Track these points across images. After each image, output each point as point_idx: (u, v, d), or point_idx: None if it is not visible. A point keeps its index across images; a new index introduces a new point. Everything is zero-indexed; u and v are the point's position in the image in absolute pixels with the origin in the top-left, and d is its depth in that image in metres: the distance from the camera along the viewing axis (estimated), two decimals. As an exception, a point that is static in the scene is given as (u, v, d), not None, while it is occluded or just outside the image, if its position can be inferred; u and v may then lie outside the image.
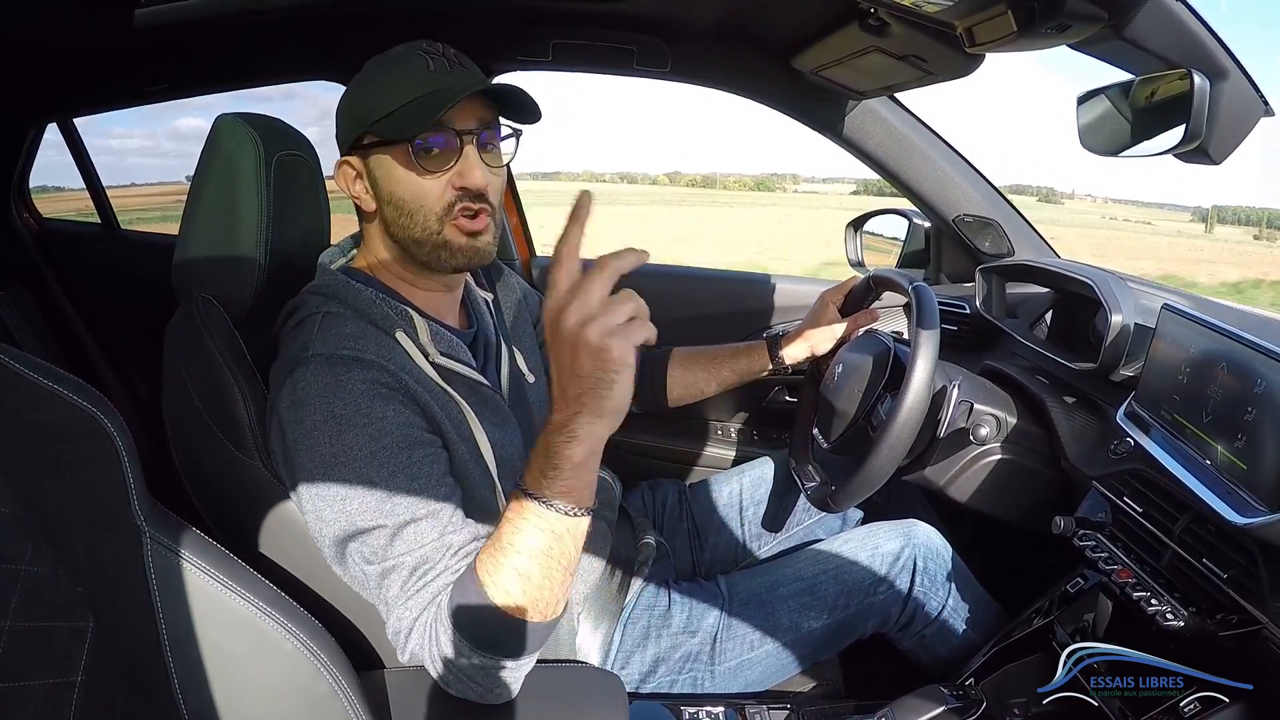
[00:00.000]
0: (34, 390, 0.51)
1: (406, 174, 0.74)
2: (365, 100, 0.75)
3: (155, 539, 0.54)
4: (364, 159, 0.77)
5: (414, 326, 0.75)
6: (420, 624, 0.65)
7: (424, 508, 0.67)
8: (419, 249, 0.76)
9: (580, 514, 0.63)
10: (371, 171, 0.76)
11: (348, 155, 0.78)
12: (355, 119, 0.76)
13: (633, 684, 0.90)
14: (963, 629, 1.00)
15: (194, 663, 0.56)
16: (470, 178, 0.74)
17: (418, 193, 0.74)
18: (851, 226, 1.56)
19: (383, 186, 0.76)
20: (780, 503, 1.18)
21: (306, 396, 0.67)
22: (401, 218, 0.76)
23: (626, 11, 1.28)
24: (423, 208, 0.75)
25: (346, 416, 0.67)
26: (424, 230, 0.75)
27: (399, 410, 0.69)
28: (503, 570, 0.62)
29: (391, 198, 0.76)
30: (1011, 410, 0.99)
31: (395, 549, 0.66)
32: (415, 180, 0.74)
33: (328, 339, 0.70)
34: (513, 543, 0.62)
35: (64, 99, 1.66)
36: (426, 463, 0.69)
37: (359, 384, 0.68)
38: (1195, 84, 0.73)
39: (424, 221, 0.75)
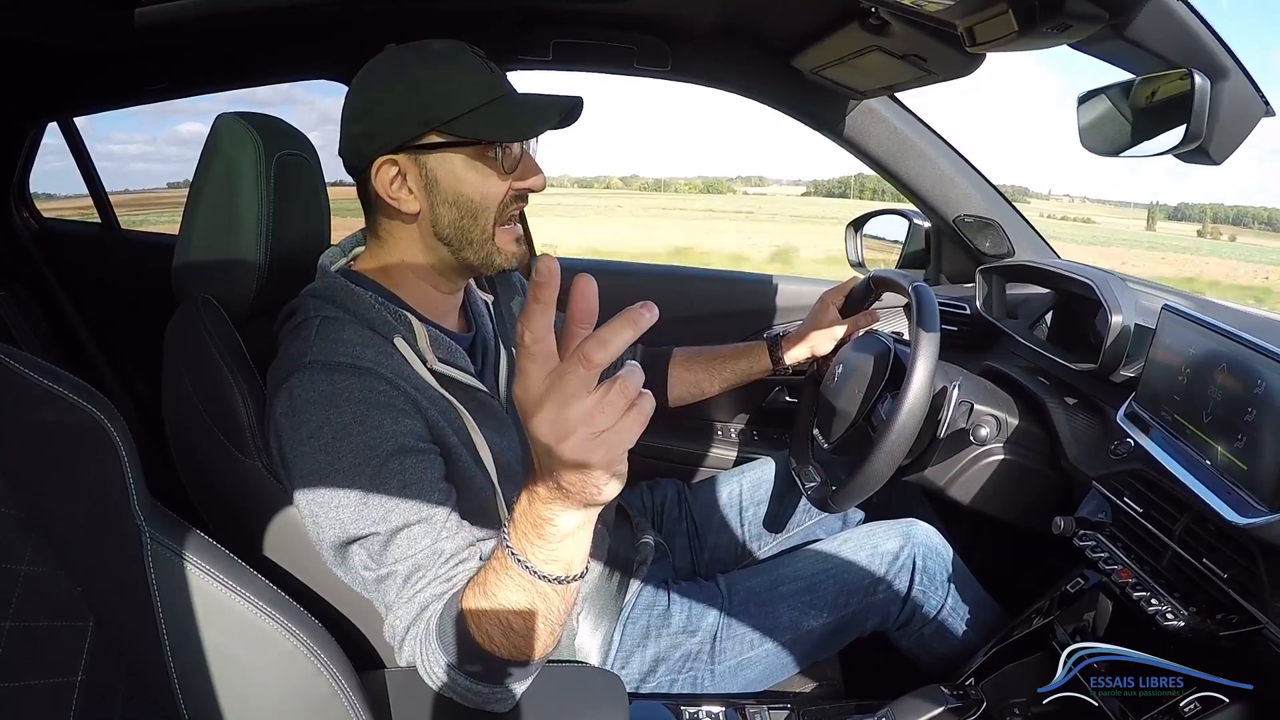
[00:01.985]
0: (34, 390, 0.50)
1: (480, 174, 0.74)
2: (431, 97, 0.72)
3: (155, 539, 0.54)
4: (419, 157, 0.73)
5: (413, 332, 0.75)
6: (412, 635, 0.65)
7: (417, 514, 0.66)
8: (474, 251, 0.77)
9: (569, 580, 0.57)
10: (431, 171, 0.74)
11: (394, 154, 0.73)
12: (417, 115, 0.72)
13: (633, 683, 0.90)
14: (962, 628, 1.00)
15: (194, 663, 0.56)
16: (535, 179, 0.77)
17: (487, 193, 0.75)
18: (852, 227, 1.56)
19: (446, 186, 0.74)
20: (780, 503, 1.18)
21: (303, 404, 0.67)
22: (463, 219, 0.76)
23: (627, 11, 1.28)
24: (487, 209, 0.76)
25: (342, 425, 0.66)
26: (483, 233, 0.76)
27: (394, 419, 0.68)
28: (486, 616, 0.60)
29: (458, 198, 0.75)
30: (1012, 411, 0.99)
31: (389, 556, 0.66)
32: (488, 181, 0.75)
33: (325, 345, 0.70)
34: (496, 594, 0.59)
35: (64, 99, 1.66)
36: (420, 469, 0.68)
37: (355, 392, 0.68)
38: (1196, 84, 0.73)
39: (484, 223, 0.76)
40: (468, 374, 0.78)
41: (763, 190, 73.24)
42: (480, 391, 0.79)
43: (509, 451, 0.80)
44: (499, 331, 0.91)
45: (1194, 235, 56.44)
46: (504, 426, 0.81)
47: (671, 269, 1.74)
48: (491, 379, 0.86)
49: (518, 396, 0.48)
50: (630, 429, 0.47)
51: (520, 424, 0.84)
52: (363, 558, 0.67)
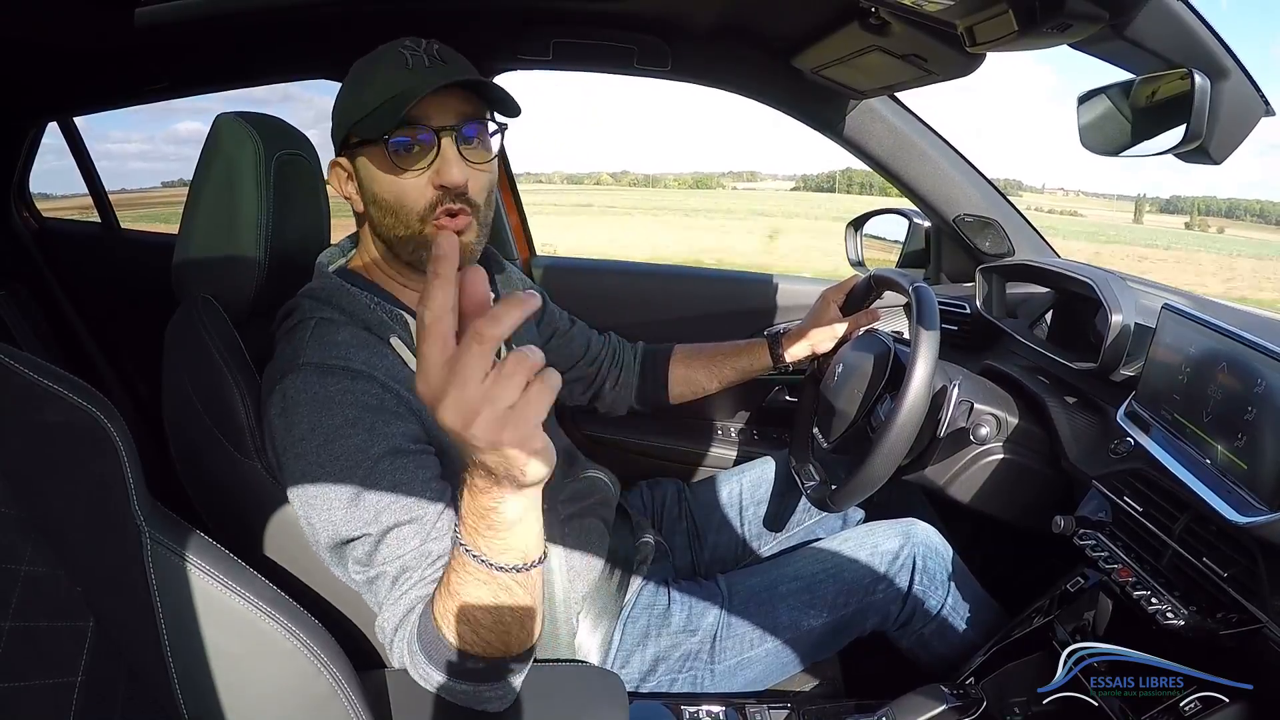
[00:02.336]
0: (34, 390, 0.50)
1: (386, 174, 0.74)
2: (348, 100, 0.76)
3: (155, 539, 0.54)
4: (351, 159, 0.77)
5: (408, 331, 0.75)
6: (399, 637, 0.65)
7: (408, 515, 0.66)
8: (403, 249, 0.77)
9: (528, 567, 0.57)
10: (358, 172, 0.77)
11: (338, 156, 0.78)
12: (340, 119, 0.76)
13: (632, 683, 0.90)
14: (962, 628, 1.00)
15: (194, 662, 0.56)
16: (446, 175, 0.72)
17: (398, 192, 0.74)
18: (852, 226, 1.56)
19: (366, 187, 0.76)
20: (780, 502, 1.18)
21: (295, 405, 0.68)
22: (386, 218, 0.76)
23: (627, 11, 1.28)
24: (404, 207, 0.74)
25: (334, 428, 0.67)
26: (406, 230, 0.75)
27: (386, 421, 0.68)
28: (455, 615, 0.59)
29: (375, 198, 0.76)
30: (1012, 410, 0.99)
31: (379, 557, 0.66)
32: (394, 180, 0.74)
33: (319, 348, 0.70)
34: (459, 593, 0.58)
35: (64, 98, 1.66)
36: (410, 470, 0.68)
37: (347, 395, 0.68)
38: (1196, 83, 0.73)
39: (406, 221, 0.75)
40: None
41: (753, 185, 73.45)
42: None
43: None
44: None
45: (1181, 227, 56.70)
46: None
47: (671, 269, 1.74)
48: None
49: (420, 390, 0.48)
50: (535, 403, 0.47)
51: None
52: (355, 558, 0.67)
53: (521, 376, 0.47)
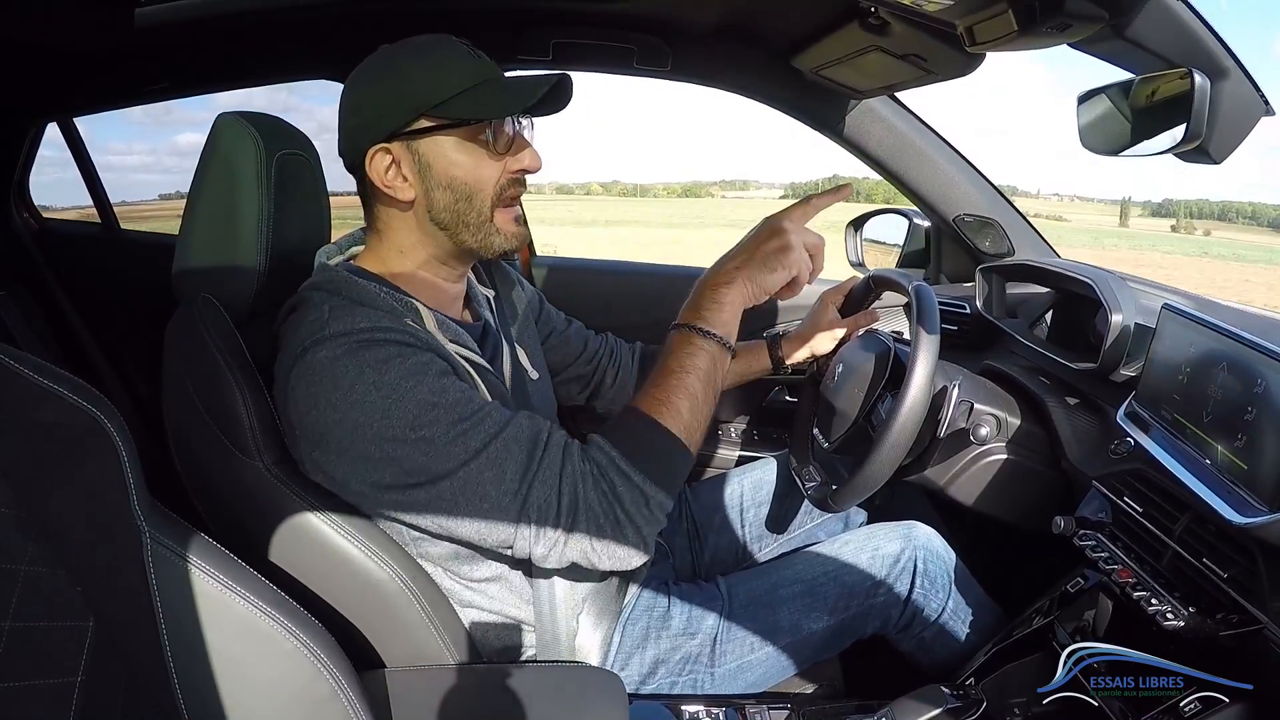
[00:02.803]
0: (34, 390, 0.50)
1: (471, 156, 0.75)
2: (418, 83, 0.73)
3: (155, 539, 0.54)
4: (411, 143, 0.75)
5: (420, 317, 0.75)
6: (569, 474, 0.68)
7: (487, 405, 0.70)
8: (471, 234, 0.77)
9: (729, 347, 0.76)
10: (423, 156, 0.75)
11: (386, 142, 0.75)
12: (406, 102, 0.73)
13: (632, 685, 0.90)
14: (963, 632, 1.00)
15: (194, 663, 0.56)
16: (532, 161, 0.78)
17: (480, 176, 0.76)
18: (852, 226, 1.57)
19: (438, 170, 0.75)
20: (781, 504, 1.18)
21: (332, 362, 0.66)
22: (459, 202, 0.76)
23: (627, 11, 1.28)
24: (482, 191, 0.76)
25: (381, 360, 0.66)
26: (479, 215, 0.77)
27: (424, 354, 0.69)
28: (675, 393, 0.72)
29: (451, 181, 0.75)
30: (1012, 410, 0.99)
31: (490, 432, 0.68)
32: (481, 162, 0.75)
33: (341, 320, 0.69)
34: (682, 366, 0.73)
35: (64, 99, 1.66)
36: (465, 388, 0.71)
37: (380, 338, 0.68)
38: (1196, 83, 0.73)
39: (480, 206, 0.76)
40: (479, 356, 0.79)
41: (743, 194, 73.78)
42: (490, 373, 0.79)
43: None
44: (501, 325, 0.91)
45: (1168, 230, 57.02)
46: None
47: (672, 269, 1.74)
48: (497, 369, 0.86)
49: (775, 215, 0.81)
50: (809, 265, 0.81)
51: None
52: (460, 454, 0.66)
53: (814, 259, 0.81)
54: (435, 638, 0.74)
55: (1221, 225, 68.69)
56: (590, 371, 1.13)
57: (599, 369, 1.13)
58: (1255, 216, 77.40)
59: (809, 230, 0.80)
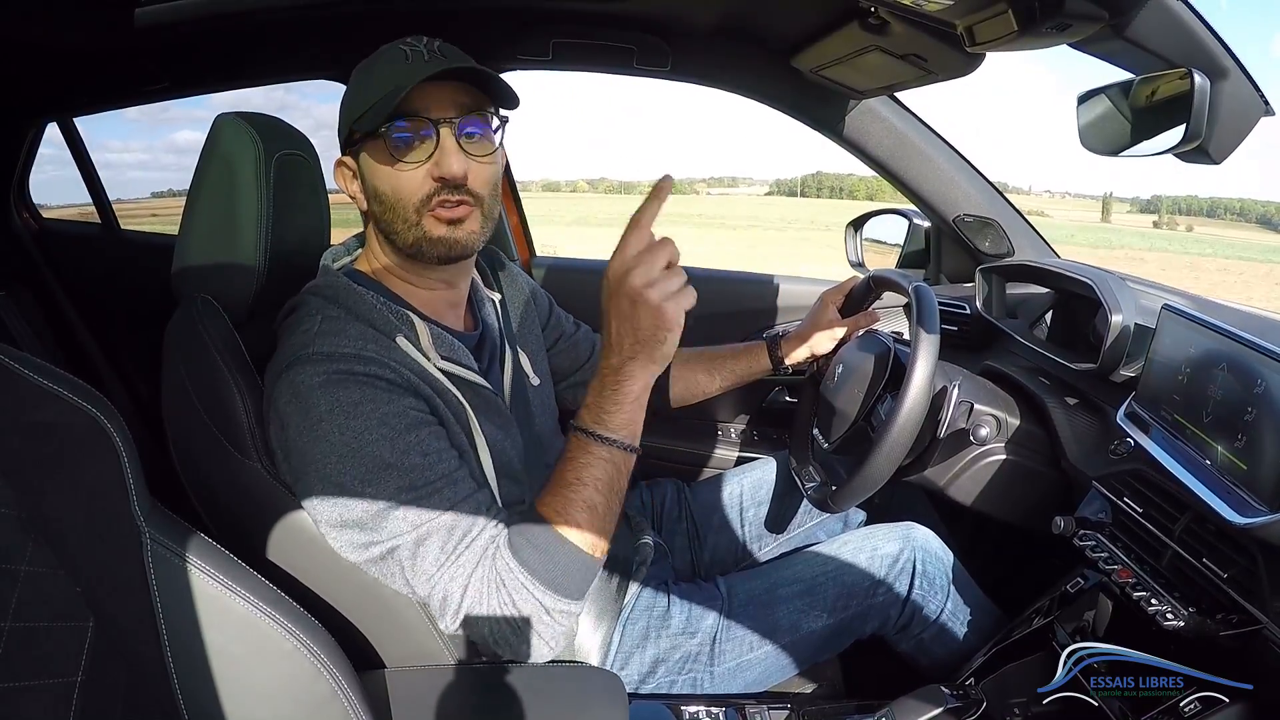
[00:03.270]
0: (34, 390, 0.50)
1: (385, 167, 0.75)
2: (350, 98, 0.77)
3: (155, 539, 0.54)
4: (355, 156, 0.77)
5: (414, 331, 0.75)
6: (477, 577, 0.67)
7: (442, 478, 0.68)
8: (402, 242, 0.77)
9: (634, 450, 0.71)
10: (360, 168, 0.77)
11: (343, 155, 0.79)
12: (344, 117, 0.77)
13: (632, 684, 0.90)
14: (962, 632, 1.00)
15: (194, 663, 0.56)
16: (444, 166, 0.72)
17: (395, 185, 0.74)
18: (852, 227, 1.56)
19: (368, 182, 0.77)
20: (781, 504, 1.18)
21: (309, 389, 0.67)
22: (386, 212, 0.76)
23: (627, 11, 1.28)
24: (401, 200, 0.74)
25: (353, 403, 0.67)
26: (404, 223, 0.75)
27: (401, 396, 0.69)
28: (572, 505, 0.69)
29: (376, 192, 0.76)
30: (1012, 411, 0.99)
31: (425, 517, 0.67)
32: (392, 173, 0.74)
33: (328, 339, 0.70)
34: (579, 478, 0.69)
35: (64, 99, 1.67)
36: (434, 440, 0.70)
37: (360, 375, 0.68)
38: (1195, 83, 0.73)
39: (404, 214, 0.75)
40: (471, 370, 0.78)
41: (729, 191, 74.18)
42: (484, 388, 0.79)
43: (511, 450, 0.80)
44: (505, 331, 0.91)
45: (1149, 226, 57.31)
46: (507, 424, 0.81)
47: None
48: (496, 377, 0.86)
49: (614, 262, 0.67)
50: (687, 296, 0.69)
51: (521, 421, 0.85)
52: (394, 526, 0.67)
53: (682, 276, 0.69)
54: (435, 637, 0.74)
55: (1209, 222, 68.84)
56: None
57: None
58: (1243, 212, 77.63)
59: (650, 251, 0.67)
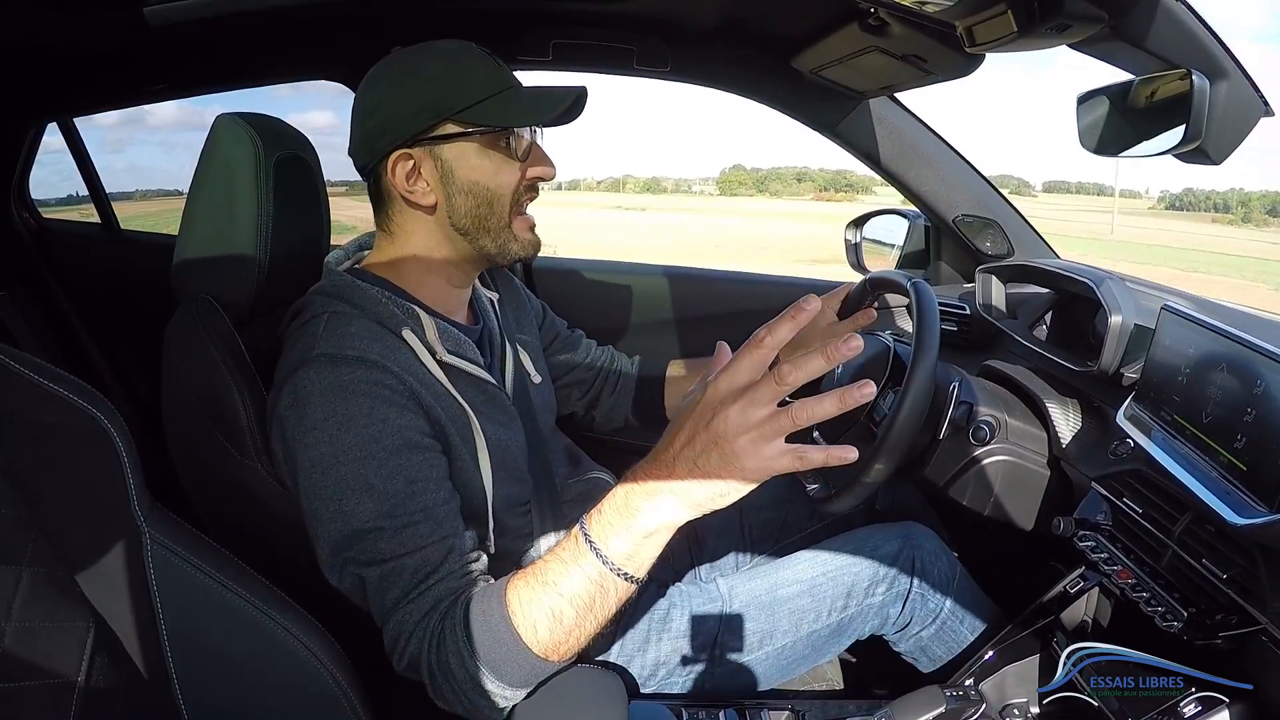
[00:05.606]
0: (34, 390, 0.51)
1: (493, 162, 0.76)
2: (443, 88, 0.74)
3: (155, 539, 0.54)
4: (434, 148, 0.75)
5: (421, 325, 0.75)
6: (422, 628, 0.65)
7: (422, 511, 0.66)
8: (490, 240, 0.78)
9: (635, 581, 0.61)
10: (446, 162, 0.75)
11: (408, 148, 0.75)
12: (431, 107, 0.73)
13: (632, 686, 0.90)
14: (961, 632, 1.00)
15: (194, 663, 0.56)
16: (545, 167, 0.79)
17: (501, 181, 0.76)
18: (852, 227, 1.56)
19: (461, 176, 0.76)
20: (781, 505, 1.18)
21: (308, 395, 0.67)
22: (480, 207, 0.77)
23: (627, 11, 1.28)
24: (502, 197, 0.77)
25: (347, 416, 0.67)
26: (499, 221, 0.78)
27: (400, 413, 0.69)
28: (536, 606, 0.61)
29: (473, 187, 0.76)
30: (1012, 411, 0.99)
31: (394, 551, 0.65)
32: (501, 169, 0.76)
33: (332, 339, 0.70)
34: (556, 582, 0.61)
35: (64, 99, 1.66)
36: (425, 467, 0.68)
37: (361, 385, 0.68)
38: (1195, 84, 0.73)
39: (500, 211, 0.77)
40: (477, 365, 0.79)
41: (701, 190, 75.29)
42: (489, 384, 0.79)
43: (512, 446, 0.80)
44: (504, 328, 0.92)
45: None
46: (510, 420, 0.81)
47: (673, 269, 1.74)
48: (498, 372, 0.86)
49: (717, 383, 0.54)
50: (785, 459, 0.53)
51: (525, 417, 0.84)
52: (363, 554, 0.66)
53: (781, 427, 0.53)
54: (435, 638, 0.74)
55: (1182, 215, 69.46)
56: (591, 377, 1.13)
57: (599, 375, 1.13)
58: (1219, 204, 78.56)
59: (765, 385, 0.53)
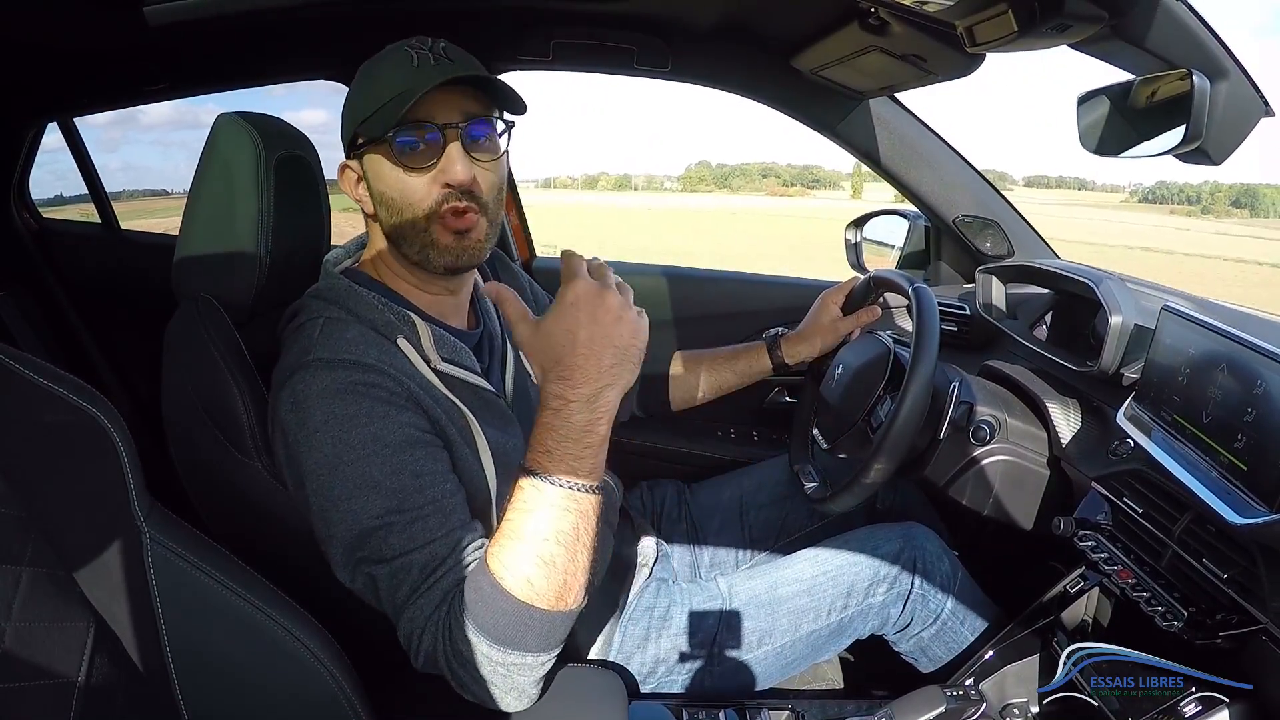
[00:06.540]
0: (34, 390, 0.51)
1: (392, 172, 0.74)
2: (354, 100, 0.76)
3: (155, 539, 0.54)
4: (360, 160, 0.77)
5: (416, 332, 0.75)
6: (433, 622, 0.65)
7: (430, 505, 0.67)
8: (410, 248, 0.76)
9: (598, 490, 0.64)
10: (367, 172, 0.77)
11: (348, 158, 0.78)
12: (348, 120, 0.77)
13: (632, 685, 0.90)
14: (962, 632, 1.00)
15: (194, 663, 0.56)
16: (451, 173, 0.73)
17: (404, 191, 0.74)
18: (852, 227, 1.57)
19: (374, 187, 0.76)
20: (781, 505, 1.18)
21: (308, 398, 0.67)
22: (393, 217, 0.76)
23: (627, 11, 1.28)
24: (410, 206, 0.74)
25: (349, 416, 0.67)
26: (413, 229, 0.75)
27: (400, 411, 0.69)
28: (523, 560, 0.61)
29: (382, 198, 0.76)
30: (1012, 411, 0.99)
31: (402, 547, 0.65)
32: (400, 178, 0.74)
33: (329, 344, 0.70)
34: (537, 530, 0.62)
35: (64, 99, 1.66)
36: (430, 461, 0.69)
37: (359, 386, 0.68)
38: (1195, 84, 0.73)
39: (412, 220, 0.75)
40: (472, 373, 0.78)
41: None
42: (485, 390, 0.79)
43: (512, 449, 0.80)
44: (505, 328, 0.91)
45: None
46: (508, 424, 0.81)
47: (672, 269, 1.74)
48: (498, 376, 0.86)
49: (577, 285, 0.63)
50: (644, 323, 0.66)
51: (524, 420, 0.84)
52: (374, 552, 0.66)
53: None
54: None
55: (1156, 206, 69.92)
56: None
57: None
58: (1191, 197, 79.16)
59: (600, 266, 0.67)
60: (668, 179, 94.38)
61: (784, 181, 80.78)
